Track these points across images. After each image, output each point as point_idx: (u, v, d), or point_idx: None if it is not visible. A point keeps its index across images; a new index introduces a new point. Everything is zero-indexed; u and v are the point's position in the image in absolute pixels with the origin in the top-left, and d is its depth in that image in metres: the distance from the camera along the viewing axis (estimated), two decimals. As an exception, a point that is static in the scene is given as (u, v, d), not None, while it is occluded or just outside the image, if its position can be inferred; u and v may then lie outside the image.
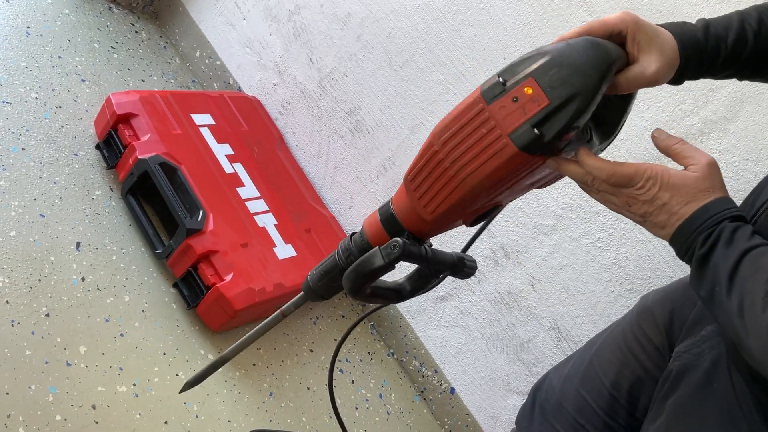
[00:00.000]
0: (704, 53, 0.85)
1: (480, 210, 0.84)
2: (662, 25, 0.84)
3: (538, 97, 0.71)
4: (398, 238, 0.85)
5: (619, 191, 0.79)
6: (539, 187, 0.89)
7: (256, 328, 1.06)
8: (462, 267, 0.92)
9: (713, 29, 0.85)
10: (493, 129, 0.73)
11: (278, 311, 1.03)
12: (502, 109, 0.73)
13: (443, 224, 0.86)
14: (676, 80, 0.87)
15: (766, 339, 0.67)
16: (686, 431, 0.87)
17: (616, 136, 0.89)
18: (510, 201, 0.88)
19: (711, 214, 0.76)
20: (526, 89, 0.72)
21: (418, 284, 0.94)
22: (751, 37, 0.86)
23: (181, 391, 1.13)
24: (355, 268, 0.88)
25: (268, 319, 1.05)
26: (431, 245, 0.91)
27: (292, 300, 1.02)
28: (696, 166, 0.79)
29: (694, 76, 0.87)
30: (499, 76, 0.75)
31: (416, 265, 0.93)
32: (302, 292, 1.01)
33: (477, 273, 1.86)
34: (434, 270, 0.91)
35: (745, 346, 0.70)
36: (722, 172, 1.47)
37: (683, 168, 0.80)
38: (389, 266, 0.85)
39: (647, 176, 0.78)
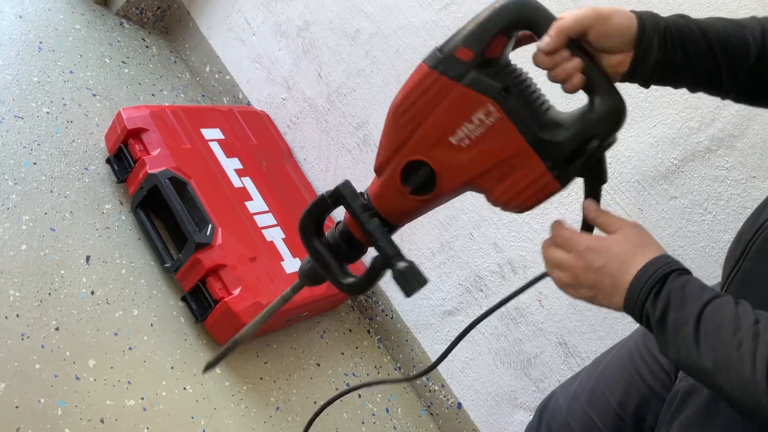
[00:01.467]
0: (668, 32, 0.80)
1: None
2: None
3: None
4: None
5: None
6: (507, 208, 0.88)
7: (263, 312, 1.05)
8: (395, 262, 0.88)
9: (696, 21, 0.82)
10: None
11: (279, 297, 1.04)
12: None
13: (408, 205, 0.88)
14: (637, 64, 0.81)
15: (752, 393, 0.68)
16: None
17: None
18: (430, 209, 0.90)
19: (650, 273, 0.77)
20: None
21: (360, 281, 0.93)
22: (754, 48, 0.82)
23: (204, 372, 1.13)
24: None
25: (271, 305, 1.05)
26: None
27: (291, 286, 1.03)
28: (621, 230, 0.82)
29: (663, 62, 0.82)
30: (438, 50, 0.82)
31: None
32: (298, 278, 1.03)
33: (483, 287, 1.86)
34: (365, 235, 0.92)
35: (737, 402, 0.71)
36: (729, 189, 1.47)
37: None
38: (327, 200, 0.92)
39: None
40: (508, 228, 1.80)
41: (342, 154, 2.09)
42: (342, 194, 0.92)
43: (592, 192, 0.86)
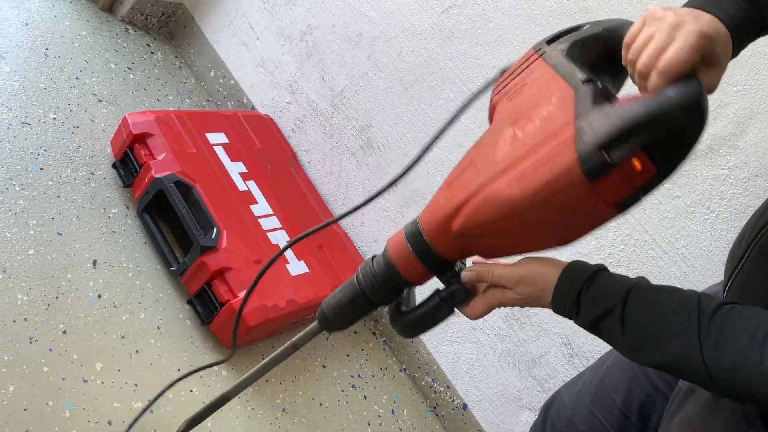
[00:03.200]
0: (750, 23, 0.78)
1: (507, 249, 0.83)
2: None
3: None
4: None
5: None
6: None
7: (265, 361, 1.03)
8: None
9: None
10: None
11: (289, 343, 1.00)
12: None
13: (469, 244, 0.84)
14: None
15: (718, 368, 0.70)
16: (704, 424, 0.88)
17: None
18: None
19: (572, 276, 0.81)
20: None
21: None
22: None
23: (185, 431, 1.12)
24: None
25: (278, 351, 1.02)
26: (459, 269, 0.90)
27: (306, 330, 0.98)
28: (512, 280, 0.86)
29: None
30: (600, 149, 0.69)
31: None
32: (316, 322, 0.98)
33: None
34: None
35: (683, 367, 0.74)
36: (732, 188, 1.48)
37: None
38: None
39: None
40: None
41: (346, 157, 2.10)
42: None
43: None
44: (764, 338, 0.68)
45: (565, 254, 1.05)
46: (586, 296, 0.80)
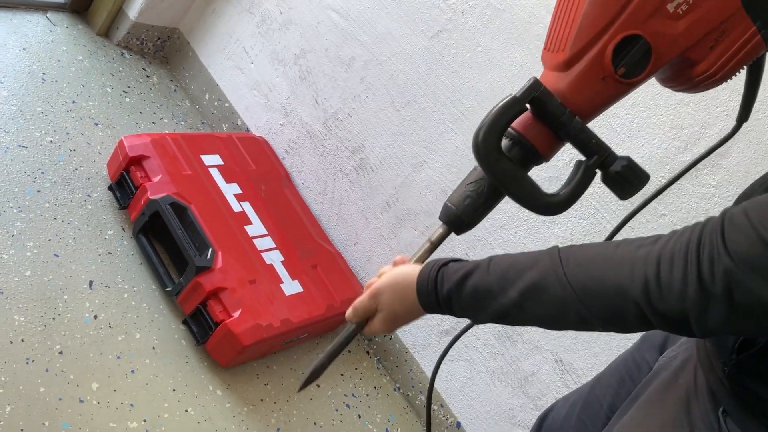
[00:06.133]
0: None
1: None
2: None
3: None
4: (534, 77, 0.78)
5: None
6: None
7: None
8: (611, 161, 0.80)
9: None
10: None
11: (427, 241, 0.92)
12: None
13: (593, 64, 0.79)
14: None
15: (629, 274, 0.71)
16: (645, 418, 0.91)
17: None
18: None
19: (427, 272, 0.85)
20: None
21: (573, 190, 0.83)
22: None
23: (299, 390, 1.08)
24: (487, 119, 0.80)
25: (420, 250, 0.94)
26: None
27: (437, 232, 0.91)
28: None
29: None
30: None
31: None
32: (443, 225, 0.91)
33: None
34: (577, 141, 0.81)
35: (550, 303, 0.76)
36: (717, 206, 1.51)
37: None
38: (519, 101, 0.79)
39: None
40: (503, 248, 1.83)
41: (339, 178, 2.13)
42: (538, 95, 0.79)
43: (757, 71, 0.85)
44: (612, 248, 0.74)
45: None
46: (448, 267, 0.84)
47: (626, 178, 0.80)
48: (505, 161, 0.82)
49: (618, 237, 0.85)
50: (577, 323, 0.75)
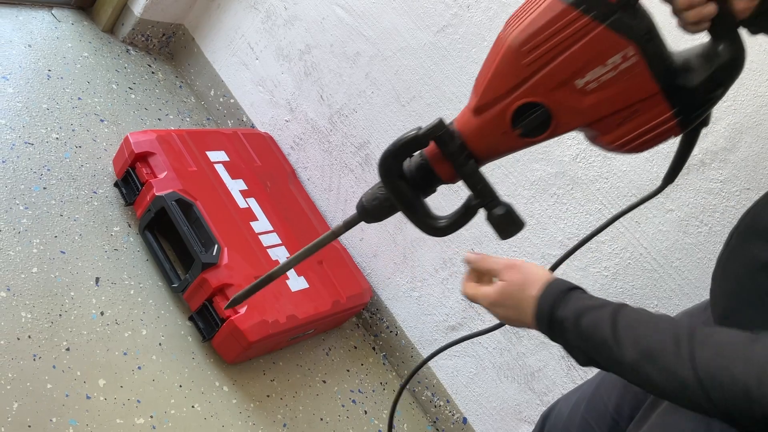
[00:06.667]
0: None
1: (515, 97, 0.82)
2: None
3: None
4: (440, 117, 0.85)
5: None
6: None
7: (307, 246, 1.04)
8: (493, 205, 0.87)
9: None
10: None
11: (330, 230, 1.00)
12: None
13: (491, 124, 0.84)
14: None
15: (681, 378, 0.71)
16: (666, 428, 0.90)
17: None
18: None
19: (552, 290, 0.84)
20: None
21: (454, 220, 0.90)
22: None
23: (226, 308, 1.10)
24: (391, 145, 0.88)
25: (321, 237, 1.02)
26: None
27: (346, 219, 0.99)
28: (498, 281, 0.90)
29: None
30: None
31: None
32: (355, 212, 0.98)
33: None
34: (468, 182, 0.87)
35: (664, 388, 0.74)
36: (724, 201, 1.50)
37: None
38: (421, 138, 0.86)
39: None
40: (508, 243, 1.83)
41: (345, 174, 2.13)
42: (440, 135, 0.86)
43: (691, 139, 0.87)
44: (748, 343, 0.70)
45: (560, 271, 1.07)
46: (575, 290, 0.84)
47: (504, 222, 0.87)
48: (402, 185, 0.90)
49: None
50: (693, 408, 0.74)
